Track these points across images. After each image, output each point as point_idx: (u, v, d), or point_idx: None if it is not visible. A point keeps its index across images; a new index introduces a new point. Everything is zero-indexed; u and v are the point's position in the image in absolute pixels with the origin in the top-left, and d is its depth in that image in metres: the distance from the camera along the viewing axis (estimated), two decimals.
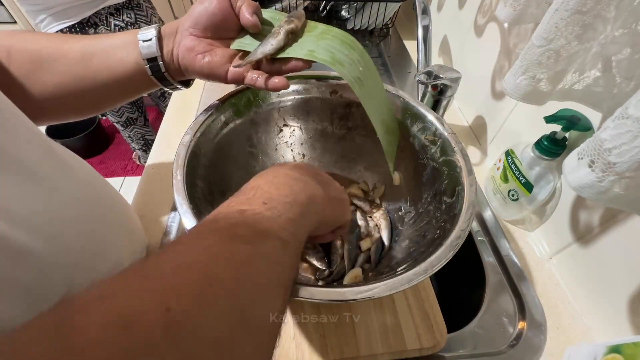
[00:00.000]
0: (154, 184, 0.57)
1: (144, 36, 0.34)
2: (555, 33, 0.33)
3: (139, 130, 1.41)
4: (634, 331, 0.37)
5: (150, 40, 0.34)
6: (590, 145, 0.28)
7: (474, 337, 0.43)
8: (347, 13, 0.96)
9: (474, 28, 0.67)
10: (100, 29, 1.05)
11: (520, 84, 0.38)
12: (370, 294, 0.26)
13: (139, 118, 1.39)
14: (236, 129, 0.43)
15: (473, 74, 0.67)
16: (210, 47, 0.34)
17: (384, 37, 0.95)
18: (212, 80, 0.36)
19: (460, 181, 0.36)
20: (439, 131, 0.41)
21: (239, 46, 0.35)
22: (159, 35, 0.34)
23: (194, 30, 0.34)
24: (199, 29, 0.34)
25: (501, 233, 0.53)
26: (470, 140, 0.68)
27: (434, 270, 0.28)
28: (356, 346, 0.38)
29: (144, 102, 1.38)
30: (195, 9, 0.34)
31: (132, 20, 1.11)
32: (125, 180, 1.81)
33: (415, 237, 0.41)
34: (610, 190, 0.27)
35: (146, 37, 0.34)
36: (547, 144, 0.44)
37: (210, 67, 0.34)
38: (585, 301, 0.45)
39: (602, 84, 0.36)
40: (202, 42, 0.34)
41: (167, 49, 0.35)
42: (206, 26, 0.34)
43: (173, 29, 0.35)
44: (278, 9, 0.84)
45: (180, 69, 0.35)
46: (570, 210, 0.45)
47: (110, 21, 1.06)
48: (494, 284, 0.48)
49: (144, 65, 0.34)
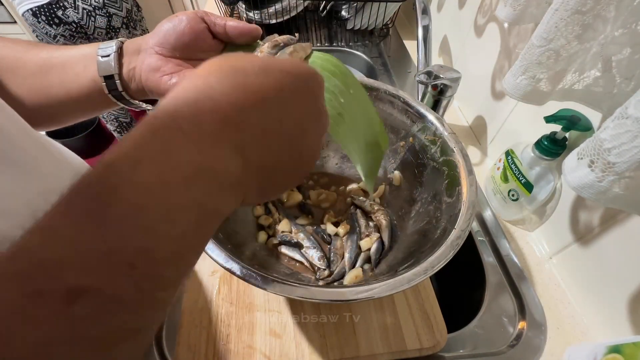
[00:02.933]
0: None
1: (103, 51, 0.31)
2: (555, 33, 0.33)
3: (112, 112, 1.46)
4: (634, 331, 0.37)
5: (108, 56, 0.31)
6: (590, 145, 0.28)
7: (474, 337, 0.43)
8: (347, 13, 0.96)
9: (474, 28, 0.67)
10: (68, 11, 1.09)
11: (520, 84, 0.38)
12: (370, 294, 0.26)
13: None
14: None
15: (473, 74, 0.67)
16: (178, 68, 0.31)
17: (384, 37, 0.95)
18: None
19: (460, 181, 0.36)
20: (439, 131, 0.41)
21: None
22: (119, 51, 0.31)
23: (160, 49, 0.31)
24: (166, 49, 0.31)
25: (501, 233, 0.53)
26: (470, 140, 0.68)
27: (434, 271, 0.28)
28: (356, 346, 0.38)
29: None
30: (162, 27, 0.31)
31: (99, 4, 1.13)
32: None
33: (415, 237, 0.41)
34: (610, 190, 0.27)
35: (105, 53, 0.31)
36: (547, 144, 0.44)
37: None
38: (585, 301, 0.45)
39: (602, 84, 0.36)
40: (169, 62, 0.31)
41: (128, 67, 0.32)
42: (174, 46, 0.31)
43: (136, 45, 0.32)
44: (278, 9, 0.84)
45: (143, 89, 0.32)
46: (570, 210, 0.45)
47: (78, 4, 1.09)
48: (494, 284, 0.48)
49: (100, 83, 0.31)
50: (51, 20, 1.11)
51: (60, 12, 1.08)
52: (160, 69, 0.31)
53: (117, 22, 1.23)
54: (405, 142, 0.45)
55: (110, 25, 1.22)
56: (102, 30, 1.21)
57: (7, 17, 1.63)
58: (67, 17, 1.11)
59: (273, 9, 0.84)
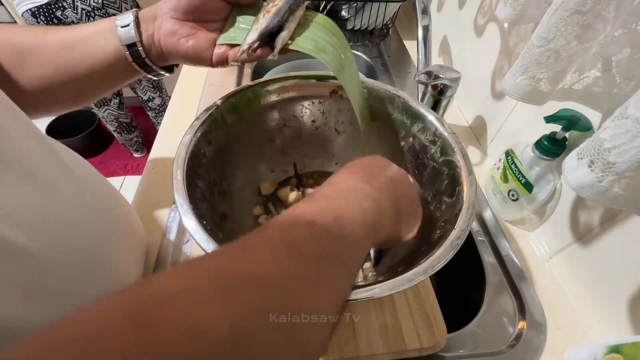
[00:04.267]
0: (153, 184, 0.57)
1: (121, 22, 0.33)
2: (555, 33, 0.33)
3: (112, 112, 1.47)
4: (634, 331, 0.37)
5: (128, 26, 0.33)
6: (590, 145, 0.28)
7: (474, 337, 0.43)
8: (347, 13, 0.96)
9: (474, 28, 0.67)
10: (67, 11, 1.09)
11: (520, 84, 0.38)
12: (370, 294, 0.26)
13: (112, 100, 1.44)
14: (236, 128, 0.43)
15: (473, 74, 0.67)
16: (193, 31, 0.34)
17: (384, 37, 0.95)
18: (197, 64, 0.35)
19: (460, 181, 0.36)
20: (439, 131, 0.41)
21: (224, 40, 0.35)
22: (137, 20, 0.33)
23: (175, 14, 0.33)
24: (180, 12, 0.33)
25: (501, 233, 0.53)
26: (470, 140, 0.68)
27: (434, 270, 0.28)
28: (356, 346, 0.38)
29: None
30: None
31: (98, 5, 1.14)
32: (125, 180, 1.81)
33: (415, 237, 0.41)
34: (610, 190, 0.27)
35: (124, 23, 0.33)
36: (547, 144, 0.44)
37: (195, 50, 0.34)
38: (585, 301, 0.45)
39: (602, 84, 0.36)
40: (184, 25, 0.33)
41: (147, 34, 0.34)
42: (187, 9, 0.33)
43: (152, 13, 0.34)
44: None
45: (163, 54, 0.35)
46: (570, 210, 0.45)
47: (77, 5, 1.10)
48: (494, 284, 0.48)
49: (123, 52, 0.33)
50: (50, 21, 1.11)
51: (59, 12, 1.09)
52: (177, 32, 0.33)
53: None
54: (406, 142, 0.45)
55: None
56: None
57: (6, 17, 1.63)
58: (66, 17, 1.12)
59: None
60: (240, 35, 0.35)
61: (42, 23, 1.10)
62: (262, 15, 0.34)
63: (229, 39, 0.35)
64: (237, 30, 0.35)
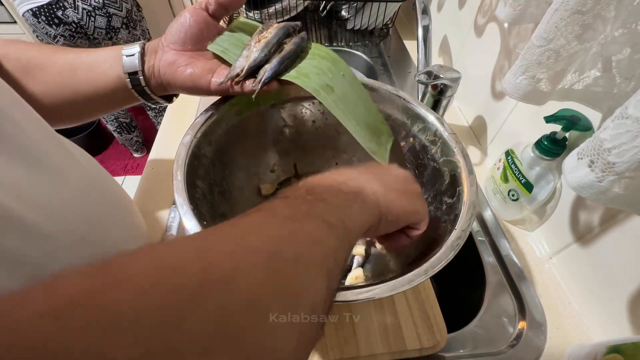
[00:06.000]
0: (154, 184, 0.57)
1: (128, 52, 0.35)
2: (555, 33, 0.33)
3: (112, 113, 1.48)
4: (634, 331, 0.37)
5: (133, 56, 0.35)
6: (590, 145, 0.28)
7: (474, 337, 0.43)
8: (347, 13, 0.96)
9: (474, 28, 0.67)
10: (68, 11, 1.10)
11: (520, 84, 0.38)
12: (370, 294, 0.26)
13: None
14: (237, 128, 0.43)
15: (473, 74, 0.67)
16: (191, 60, 0.35)
17: (384, 37, 0.95)
18: (195, 93, 0.36)
19: (460, 181, 0.36)
20: (440, 131, 0.41)
21: (214, 49, 0.36)
22: (143, 51, 0.36)
23: (174, 46, 0.35)
24: (178, 44, 0.35)
25: (501, 233, 0.53)
26: (470, 140, 0.68)
27: (434, 271, 0.28)
28: (356, 346, 0.38)
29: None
30: (172, 26, 0.36)
31: (99, 5, 1.14)
32: (125, 180, 1.82)
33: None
34: (610, 190, 0.27)
35: (130, 52, 0.35)
36: (547, 144, 0.44)
37: (192, 78, 0.35)
38: (585, 301, 0.45)
39: (602, 84, 0.36)
40: (183, 55, 0.35)
41: (149, 65, 0.36)
42: (184, 40, 0.35)
43: (155, 46, 0.36)
44: (278, 9, 0.84)
45: (162, 83, 0.36)
46: (570, 210, 0.45)
47: (78, 4, 1.10)
48: (494, 284, 0.48)
49: (125, 79, 0.35)
50: (51, 21, 1.11)
51: (60, 12, 1.09)
52: (176, 62, 0.35)
53: (117, 22, 1.23)
54: (406, 142, 0.45)
55: (110, 26, 1.22)
56: (102, 31, 1.21)
57: (7, 17, 1.63)
58: (67, 17, 1.12)
59: (273, 9, 0.84)
60: (231, 49, 0.36)
61: (42, 23, 1.10)
62: (253, 42, 0.36)
63: (220, 49, 0.36)
64: (228, 43, 0.37)
